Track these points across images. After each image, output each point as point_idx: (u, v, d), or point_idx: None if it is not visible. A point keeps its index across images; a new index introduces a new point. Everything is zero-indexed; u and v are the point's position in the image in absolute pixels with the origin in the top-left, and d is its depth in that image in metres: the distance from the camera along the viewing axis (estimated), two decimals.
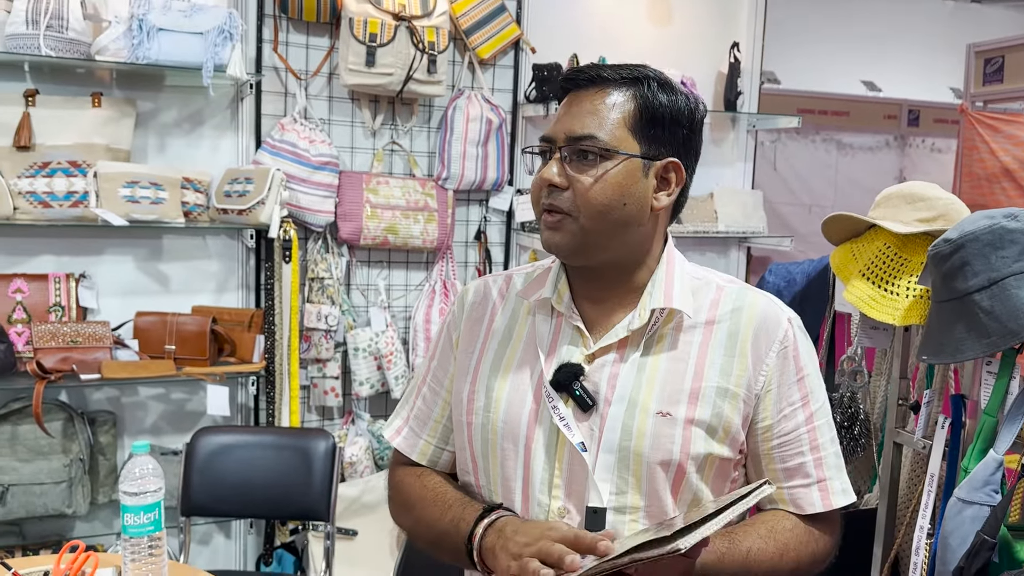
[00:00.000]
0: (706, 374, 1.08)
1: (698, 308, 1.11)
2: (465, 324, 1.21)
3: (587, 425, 1.07)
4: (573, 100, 1.09)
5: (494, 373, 1.15)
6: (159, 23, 2.39)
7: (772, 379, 1.09)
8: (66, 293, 2.54)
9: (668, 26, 3.29)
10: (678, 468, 1.06)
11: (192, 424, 2.69)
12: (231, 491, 2.36)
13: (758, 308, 1.12)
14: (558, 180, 1.07)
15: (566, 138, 1.07)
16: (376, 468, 2.89)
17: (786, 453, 1.11)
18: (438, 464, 1.24)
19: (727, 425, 1.08)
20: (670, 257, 1.13)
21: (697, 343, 1.09)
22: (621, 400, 1.07)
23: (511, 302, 1.19)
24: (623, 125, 1.06)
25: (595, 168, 1.05)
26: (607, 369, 1.09)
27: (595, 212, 1.06)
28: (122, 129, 2.53)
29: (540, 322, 1.14)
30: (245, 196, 2.55)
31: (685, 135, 1.09)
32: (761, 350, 1.09)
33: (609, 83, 1.07)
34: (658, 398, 1.07)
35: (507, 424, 1.11)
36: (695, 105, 1.10)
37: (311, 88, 2.79)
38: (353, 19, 2.64)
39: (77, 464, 2.46)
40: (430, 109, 2.94)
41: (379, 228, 2.77)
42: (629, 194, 1.06)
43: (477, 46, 2.91)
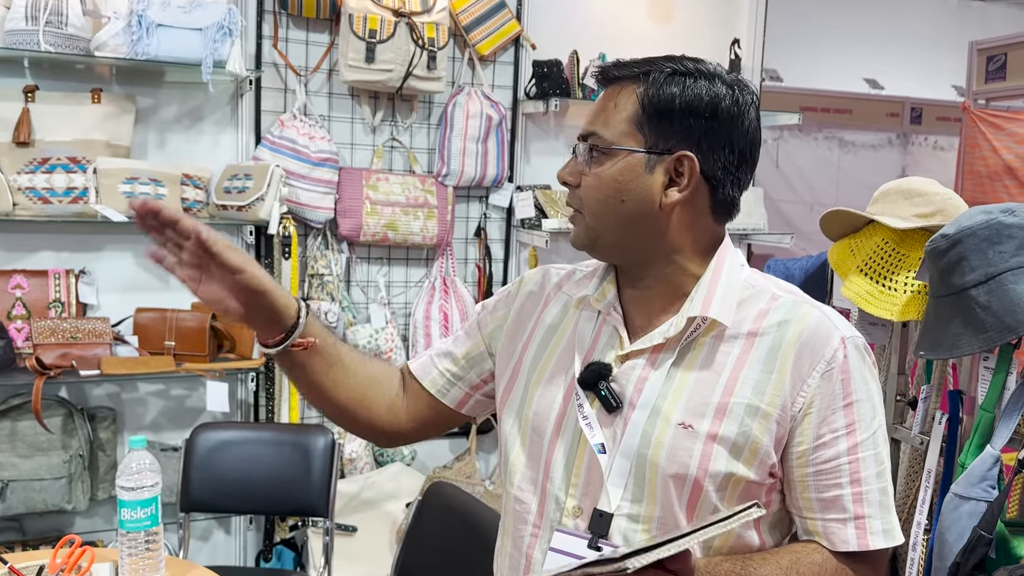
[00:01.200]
0: (737, 389, 1.02)
1: (743, 318, 1.05)
2: (515, 312, 1.21)
3: (612, 428, 1.06)
4: (599, 98, 1.10)
5: (535, 365, 1.15)
6: (158, 19, 2.39)
7: (813, 401, 1.01)
8: (66, 289, 2.54)
9: (669, 23, 3.28)
10: (694, 484, 1.02)
11: (192, 420, 2.69)
12: (230, 487, 2.36)
13: (807, 322, 1.03)
14: (568, 178, 1.08)
15: (580, 136, 1.08)
16: (376, 464, 2.90)
17: (822, 483, 1.02)
18: (445, 397, 1.24)
19: (754, 445, 1.01)
20: (719, 262, 1.07)
21: (735, 355, 1.03)
22: (645, 406, 1.04)
23: (564, 296, 1.19)
24: (628, 121, 1.04)
25: (596, 165, 1.05)
26: (636, 372, 1.06)
27: (595, 209, 1.05)
28: (122, 125, 2.54)
29: (584, 319, 1.13)
30: (245, 192, 2.55)
31: (705, 126, 1.03)
32: (804, 368, 1.01)
33: (621, 80, 1.06)
34: (683, 409, 1.03)
35: (537, 417, 1.12)
36: (724, 93, 1.03)
37: (311, 84, 2.79)
38: (353, 15, 2.64)
39: (77, 460, 2.46)
40: (430, 105, 2.94)
41: (379, 224, 2.77)
42: (628, 191, 1.04)
43: (477, 42, 2.91)
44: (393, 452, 2.89)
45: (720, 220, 1.08)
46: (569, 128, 3.15)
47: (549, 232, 2.86)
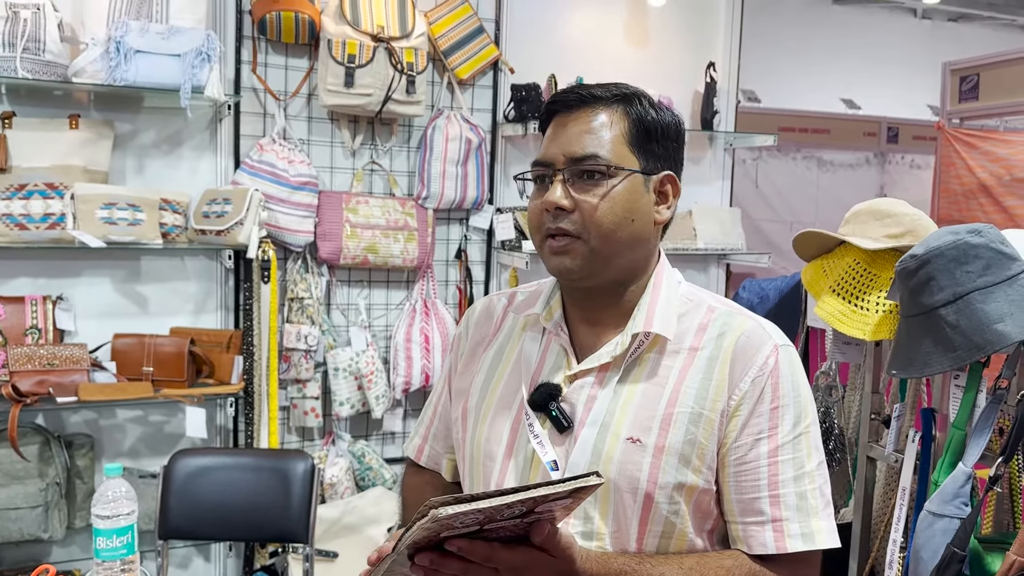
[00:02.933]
0: (680, 400, 1.05)
1: (684, 332, 1.08)
2: (468, 345, 1.23)
3: (563, 447, 1.07)
4: (562, 122, 1.09)
5: (484, 389, 1.17)
6: (137, 45, 2.40)
7: (743, 404, 1.04)
8: (43, 315, 2.53)
9: (645, 47, 3.32)
10: (646, 496, 1.03)
11: (170, 446, 2.67)
12: (209, 514, 2.33)
13: (743, 330, 1.07)
14: (565, 203, 1.05)
15: (566, 160, 1.06)
16: (357, 489, 2.88)
17: (741, 484, 1.05)
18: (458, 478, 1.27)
19: (701, 452, 1.04)
20: (658, 279, 1.11)
21: (677, 368, 1.07)
22: (594, 424, 1.06)
23: (510, 319, 1.20)
24: (622, 142, 1.06)
25: (601, 187, 1.05)
26: (585, 391, 1.08)
27: (605, 232, 1.05)
28: (100, 151, 2.53)
29: (530, 340, 1.15)
30: (223, 217, 2.55)
31: (675, 149, 1.10)
32: (737, 374, 1.05)
33: (599, 102, 1.07)
34: (630, 424, 1.05)
35: (488, 442, 1.13)
36: (679, 120, 1.12)
37: (290, 109, 2.80)
38: (332, 40, 2.66)
39: (53, 488, 2.44)
40: (409, 129, 2.96)
41: (359, 247, 2.77)
42: (636, 210, 1.06)
43: (456, 67, 2.94)
44: (374, 476, 2.87)
45: (663, 236, 1.14)
46: None
47: (529, 253, 2.87)
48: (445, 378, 1.29)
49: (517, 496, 0.82)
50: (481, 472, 1.14)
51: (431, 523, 0.79)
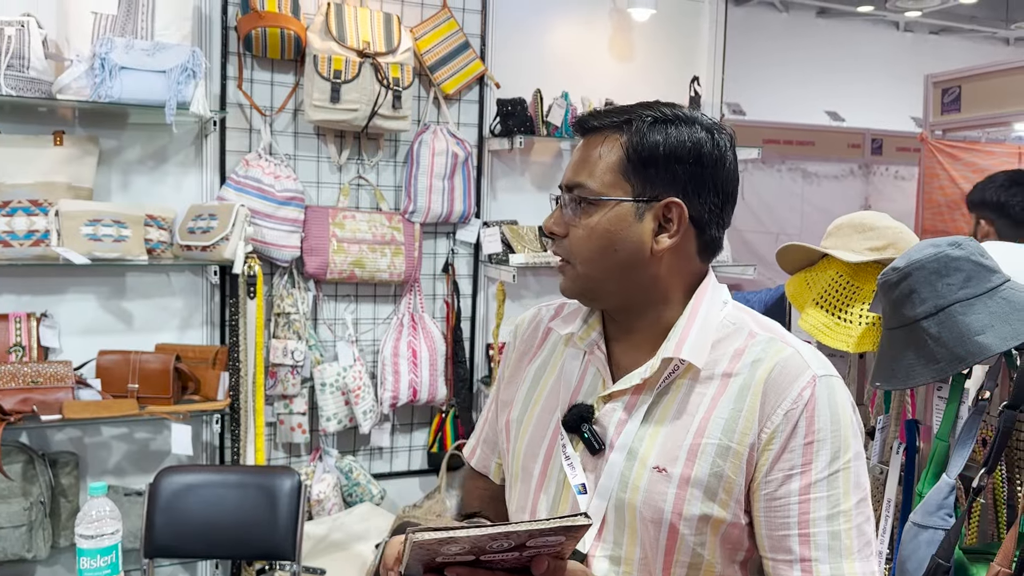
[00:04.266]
0: (709, 430, 1.01)
1: (719, 358, 1.05)
2: (515, 356, 1.24)
3: (595, 470, 1.06)
4: (579, 148, 1.10)
5: (525, 404, 1.17)
6: (122, 61, 2.40)
7: (775, 438, 0.99)
8: (27, 333, 2.51)
9: (630, 61, 3.34)
10: (670, 528, 1.01)
11: (156, 464, 2.66)
12: (195, 532, 2.32)
13: (778, 360, 1.02)
14: (555, 228, 1.08)
15: (564, 187, 1.09)
16: (344, 505, 2.87)
17: (772, 520, 1.01)
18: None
19: (728, 486, 1.00)
20: (697, 302, 1.07)
21: (709, 396, 1.03)
22: (622, 449, 1.04)
23: (555, 332, 1.20)
24: (612, 170, 1.05)
25: (586, 216, 1.05)
26: (616, 414, 1.07)
27: (586, 259, 1.06)
28: (84, 167, 2.53)
29: (571, 357, 1.14)
30: (209, 232, 2.54)
31: (690, 171, 1.04)
32: (770, 405, 1.00)
33: (600, 130, 1.07)
34: (658, 452, 1.03)
35: (526, 457, 1.14)
36: (704, 138, 1.04)
37: (276, 124, 2.80)
38: (317, 56, 2.67)
39: (38, 507, 2.42)
40: (396, 144, 2.97)
41: (346, 262, 2.77)
42: (619, 240, 1.04)
43: (442, 82, 2.95)
44: (362, 492, 2.86)
45: (705, 260, 1.10)
46: (534, 165, 3.19)
47: (516, 267, 2.88)
48: (496, 386, 1.30)
49: (498, 529, 0.81)
50: (518, 488, 1.15)
51: (412, 547, 0.80)
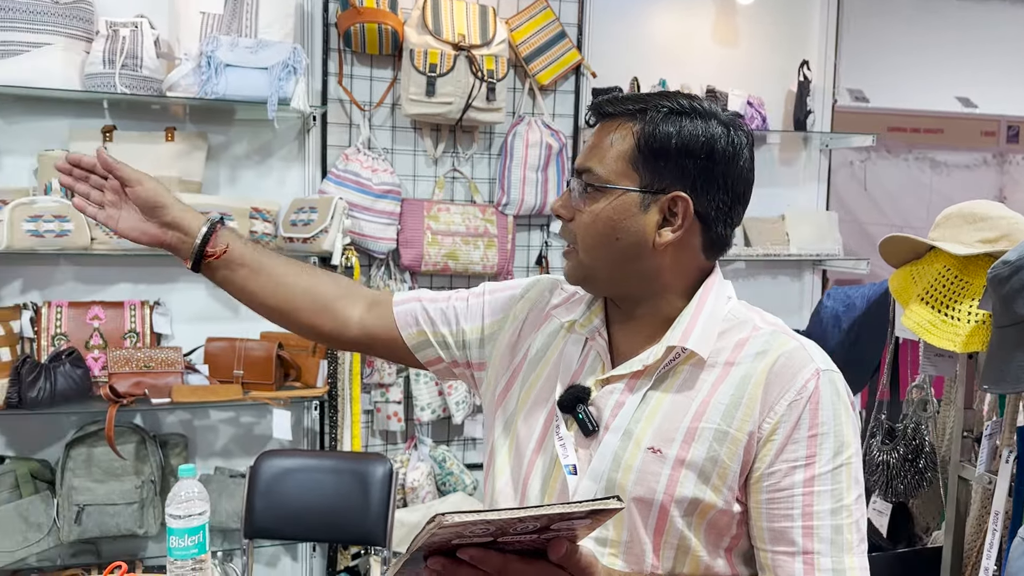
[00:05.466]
0: (708, 414, 1.01)
1: (721, 348, 1.05)
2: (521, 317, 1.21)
3: (588, 451, 1.06)
4: (593, 133, 1.09)
5: (524, 382, 1.17)
6: (227, 59, 2.49)
7: (777, 428, 0.99)
8: (141, 320, 2.65)
9: (734, 46, 3.23)
10: (660, 508, 1.01)
11: (259, 447, 2.76)
12: (292, 514, 2.39)
13: (782, 351, 1.03)
14: (561, 211, 1.09)
15: (575, 170, 1.08)
16: (439, 494, 2.90)
17: (774, 512, 1.00)
18: (418, 353, 1.25)
19: (722, 471, 1.00)
20: (704, 295, 1.07)
21: (710, 382, 1.03)
22: (617, 430, 1.04)
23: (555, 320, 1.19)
24: (622, 158, 1.03)
25: (592, 202, 1.05)
26: (614, 397, 1.06)
27: (589, 246, 1.06)
28: (194, 162, 2.64)
29: (572, 343, 1.14)
30: (310, 225, 2.61)
31: (700, 166, 1.03)
32: (773, 396, 1.00)
33: (615, 116, 1.06)
34: (653, 433, 1.02)
35: (520, 435, 1.13)
36: (719, 133, 1.03)
37: (375, 119, 2.85)
38: (414, 50, 2.69)
39: (148, 486, 2.55)
40: (490, 136, 2.97)
41: (439, 254, 2.80)
42: (622, 229, 1.03)
43: (537, 72, 2.93)
44: (455, 482, 2.88)
45: (711, 257, 1.09)
46: None
47: None
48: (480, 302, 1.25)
49: (529, 512, 0.80)
50: (512, 458, 1.14)
51: (438, 529, 0.78)
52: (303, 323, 1.25)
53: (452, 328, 1.25)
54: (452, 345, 1.25)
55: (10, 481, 2.43)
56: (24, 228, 2.36)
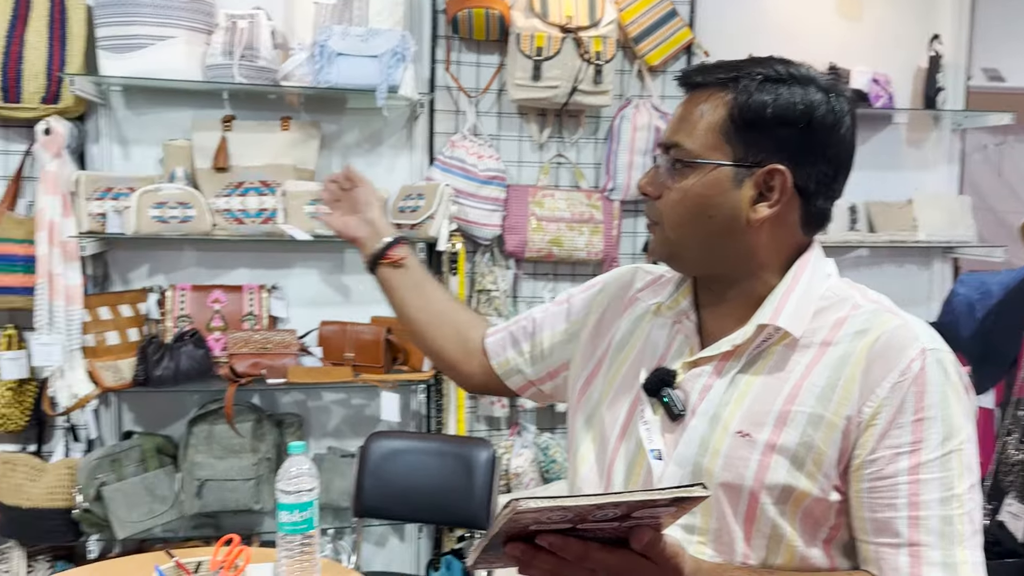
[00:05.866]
0: (801, 397, 0.95)
1: (818, 328, 0.98)
2: (601, 310, 1.20)
3: (674, 436, 1.02)
4: (681, 104, 1.04)
5: (609, 369, 1.14)
6: (338, 48, 2.54)
7: (879, 412, 0.93)
8: (258, 303, 2.75)
9: (858, 19, 3.06)
10: (750, 495, 0.96)
11: (369, 428, 2.81)
12: (399, 495, 2.43)
13: (885, 329, 0.96)
14: (648, 189, 1.04)
15: (662, 145, 1.03)
16: (542, 480, 2.89)
17: (876, 501, 0.94)
18: (508, 380, 1.29)
19: (817, 457, 0.94)
20: (799, 272, 1.01)
21: (804, 364, 0.97)
22: (704, 414, 1.00)
23: (641, 303, 1.16)
24: (713, 131, 0.98)
25: (680, 178, 1.00)
26: (702, 380, 1.02)
27: (676, 224, 1.01)
28: (308, 150, 2.71)
29: (659, 327, 1.11)
30: (416, 211, 2.64)
31: (799, 136, 0.96)
32: (874, 377, 0.93)
33: (705, 86, 1.00)
34: (742, 417, 0.97)
35: (604, 422, 1.10)
36: (819, 100, 0.97)
37: (481, 105, 2.85)
38: (520, 34, 2.68)
39: (264, 463, 2.64)
40: (597, 120, 2.92)
41: (544, 240, 2.78)
42: (714, 206, 0.98)
43: (646, 53, 2.86)
44: (559, 470, 2.87)
45: (809, 232, 1.03)
46: None
47: None
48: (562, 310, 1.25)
49: (608, 498, 0.77)
50: (595, 445, 1.11)
51: (514, 514, 0.76)
52: (435, 346, 1.32)
53: (534, 339, 1.25)
54: (534, 359, 1.25)
55: (137, 455, 2.57)
56: (150, 214, 2.48)
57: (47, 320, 2.44)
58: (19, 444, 2.62)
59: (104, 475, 2.47)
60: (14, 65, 2.42)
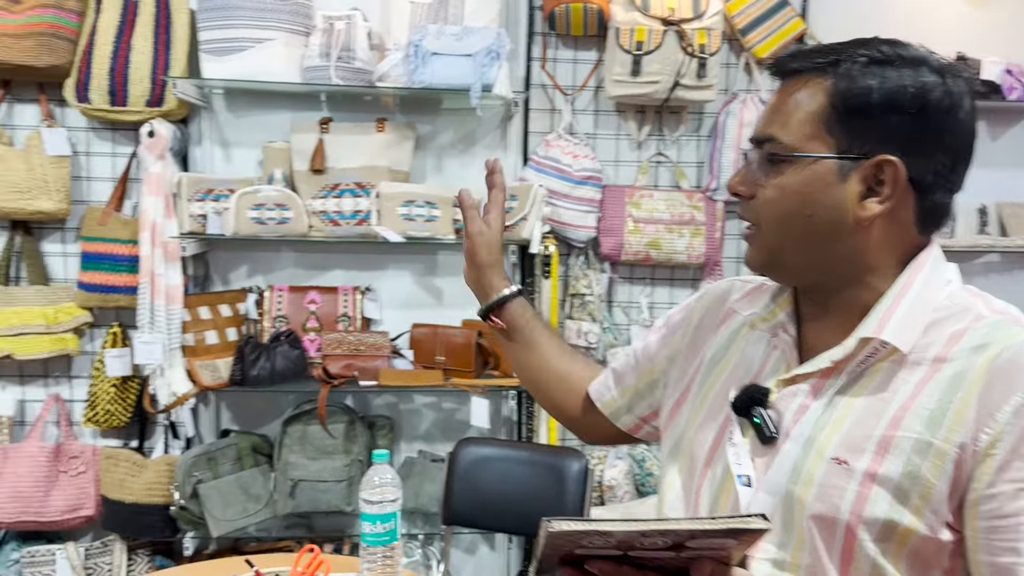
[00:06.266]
0: (907, 421, 0.84)
1: (931, 342, 0.87)
2: (694, 329, 1.12)
3: (765, 460, 0.92)
4: (775, 94, 0.94)
5: (700, 388, 1.05)
6: (433, 47, 2.50)
7: (1000, 440, 0.80)
8: (352, 304, 2.74)
9: (989, 6, 2.81)
10: (846, 530, 0.85)
11: (459, 433, 2.78)
12: (488, 503, 2.37)
13: (1008, 345, 0.83)
14: (740, 188, 0.94)
15: (753, 140, 0.94)
16: (637, 494, 2.78)
17: (996, 544, 0.81)
18: (619, 421, 1.21)
19: (925, 491, 0.82)
20: (911, 277, 0.90)
21: (912, 383, 0.86)
22: (799, 437, 0.89)
23: (737, 316, 1.07)
24: (812, 120, 0.88)
25: (776, 174, 0.90)
26: (798, 399, 0.91)
27: (775, 225, 0.91)
28: (402, 152, 2.69)
29: (754, 341, 1.01)
30: (509, 213, 2.58)
31: (911, 123, 0.85)
32: (993, 399, 0.81)
33: (801, 72, 0.90)
34: (839, 442, 0.87)
35: (694, 443, 1.02)
36: (933, 83, 0.85)
37: (577, 103, 2.76)
38: (619, 28, 2.57)
39: (356, 465, 2.63)
40: (700, 116, 2.79)
41: (641, 243, 2.66)
42: (815, 203, 0.88)
43: (753, 45, 2.70)
44: (655, 483, 2.75)
45: (926, 232, 0.91)
46: None
47: None
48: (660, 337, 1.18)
49: (651, 525, 0.70)
50: (682, 474, 1.03)
51: (548, 537, 0.72)
52: (552, 402, 1.28)
53: (638, 372, 1.18)
54: (640, 393, 1.17)
55: (233, 454, 2.60)
56: (248, 216, 2.51)
57: (149, 319, 2.50)
58: (122, 440, 2.69)
59: (200, 473, 2.51)
60: (121, 69, 2.49)
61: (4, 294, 2.53)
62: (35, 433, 2.58)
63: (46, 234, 2.66)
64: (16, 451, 2.52)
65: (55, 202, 2.51)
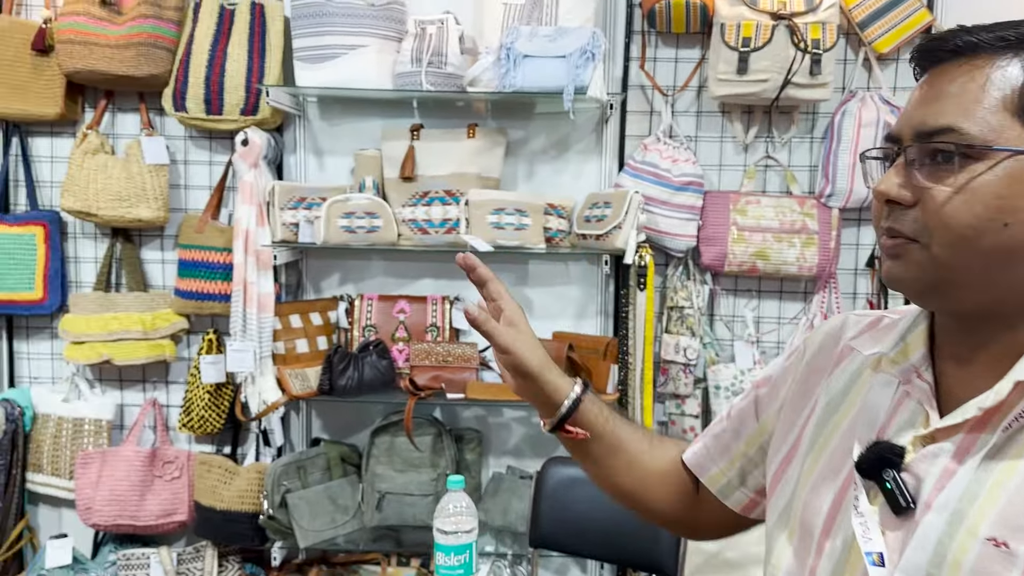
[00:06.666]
0: None
1: None
2: (802, 375, 0.96)
3: (898, 535, 0.76)
4: (929, 82, 0.77)
5: (813, 443, 0.89)
6: (524, 50, 2.40)
7: None
8: (441, 315, 2.68)
9: None
10: None
11: (549, 451, 2.67)
12: (577, 526, 2.26)
13: None
14: (897, 193, 0.76)
15: (913, 134, 0.76)
16: None
17: None
18: (728, 500, 1.03)
19: None
20: None
21: None
22: (943, 509, 0.73)
23: (857, 355, 0.90)
24: (1004, 108, 0.71)
25: (956, 174, 0.72)
26: (940, 461, 0.75)
27: (954, 237, 0.73)
28: (493, 158, 2.60)
29: (880, 385, 0.84)
30: (603, 221, 2.45)
31: None
32: None
33: (982, 50, 0.73)
34: (996, 518, 0.70)
35: (807, 508, 0.86)
36: None
37: (678, 104, 2.61)
38: (725, 24, 2.41)
39: (443, 479, 2.56)
40: (813, 117, 2.58)
41: (747, 253, 2.48)
42: (1014, 209, 0.71)
43: (874, 39, 2.49)
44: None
45: None
46: None
47: None
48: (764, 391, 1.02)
49: None
50: (792, 546, 0.87)
51: None
52: (647, 506, 1.10)
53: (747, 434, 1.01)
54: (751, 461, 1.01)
55: (323, 463, 2.58)
56: (339, 224, 2.47)
57: (241, 327, 2.50)
58: (215, 446, 2.72)
59: (289, 482, 2.50)
60: (217, 78, 2.50)
61: (104, 300, 2.59)
62: (132, 437, 2.64)
63: (146, 241, 2.71)
64: (114, 455, 2.58)
65: (154, 210, 2.55)
